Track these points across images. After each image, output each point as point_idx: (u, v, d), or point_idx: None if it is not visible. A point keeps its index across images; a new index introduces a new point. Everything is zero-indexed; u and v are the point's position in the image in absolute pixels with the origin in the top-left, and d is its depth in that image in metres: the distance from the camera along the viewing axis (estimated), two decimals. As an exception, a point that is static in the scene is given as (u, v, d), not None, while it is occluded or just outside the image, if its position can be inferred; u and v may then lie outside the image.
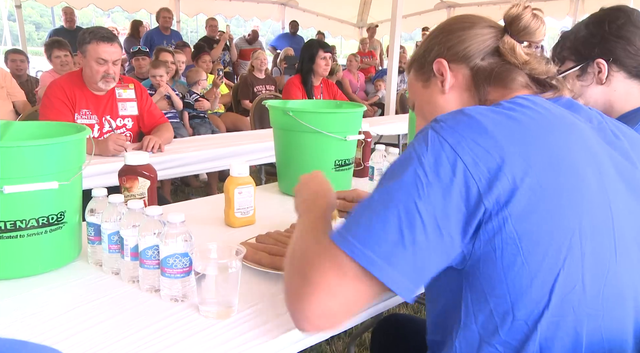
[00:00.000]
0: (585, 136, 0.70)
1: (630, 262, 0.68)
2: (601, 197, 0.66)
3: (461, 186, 0.62)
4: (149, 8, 7.64)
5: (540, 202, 0.62)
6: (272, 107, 1.58)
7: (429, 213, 0.62)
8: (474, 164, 0.62)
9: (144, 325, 0.82)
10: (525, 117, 0.68)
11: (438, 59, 0.82)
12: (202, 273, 0.83)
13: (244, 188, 1.27)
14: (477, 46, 0.80)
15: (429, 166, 0.64)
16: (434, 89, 0.85)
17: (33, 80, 4.61)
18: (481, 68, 0.80)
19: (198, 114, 3.92)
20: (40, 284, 0.96)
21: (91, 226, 1.03)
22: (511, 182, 0.62)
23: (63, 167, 0.98)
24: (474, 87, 0.80)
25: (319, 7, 9.45)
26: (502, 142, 0.64)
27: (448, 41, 0.82)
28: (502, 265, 0.63)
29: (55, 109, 2.21)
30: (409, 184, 0.64)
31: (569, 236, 0.63)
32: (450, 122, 0.67)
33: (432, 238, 0.62)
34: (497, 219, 0.62)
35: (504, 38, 0.79)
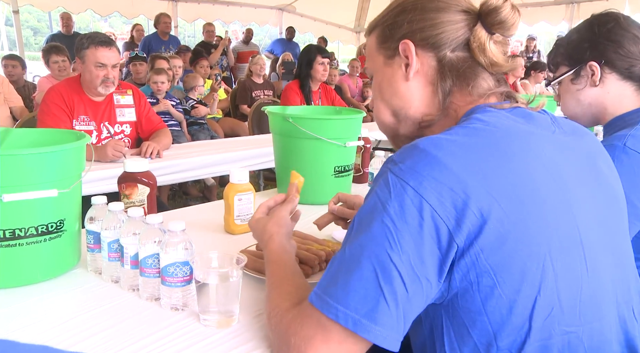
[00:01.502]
0: (544, 151, 0.68)
1: (603, 270, 0.69)
2: (566, 214, 0.66)
3: (430, 228, 0.61)
4: (147, 13, 7.65)
5: (508, 233, 0.61)
6: (272, 114, 1.58)
7: (403, 262, 0.61)
8: (439, 204, 0.61)
9: (144, 334, 0.82)
10: (481, 144, 0.65)
11: (406, 40, 0.76)
12: (202, 282, 0.83)
13: (244, 194, 1.27)
14: (448, 35, 0.74)
15: (395, 213, 0.62)
16: (396, 71, 0.79)
17: (30, 85, 4.60)
18: (449, 61, 0.75)
19: (196, 121, 3.92)
20: (39, 293, 0.95)
21: (91, 234, 1.02)
22: (479, 217, 0.61)
23: (63, 175, 0.97)
24: (439, 82, 0.76)
25: (317, 12, 9.48)
26: (463, 176, 0.62)
27: (419, 22, 0.76)
28: (479, 298, 0.63)
29: (53, 115, 2.20)
30: (378, 236, 0.62)
31: (542, 261, 0.63)
32: (407, 162, 0.64)
33: (411, 286, 0.61)
34: (469, 255, 0.61)
35: (476, 29, 0.74)
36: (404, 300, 0.61)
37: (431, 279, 0.62)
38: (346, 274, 0.63)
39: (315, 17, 9.61)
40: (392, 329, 0.62)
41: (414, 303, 0.62)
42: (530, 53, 7.81)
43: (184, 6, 8.07)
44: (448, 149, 0.64)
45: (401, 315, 0.62)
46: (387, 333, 0.61)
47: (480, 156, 0.64)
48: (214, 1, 8.32)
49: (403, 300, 0.61)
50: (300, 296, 0.74)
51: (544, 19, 8.16)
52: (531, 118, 0.73)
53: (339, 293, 0.63)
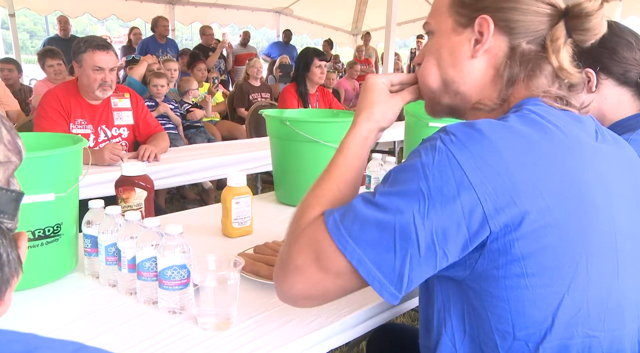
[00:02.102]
0: (593, 155, 0.68)
1: (630, 280, 0.68)
2: (608, 220, 0.65)
3: (465, 205, 0.60)
4: (144, 17, 7.65)
5: (548, 227, 0.60)
6: (269, 117, 1.58)
7: (425, 228, 0.60)
8: (481, 184, 0.59)
9: (141, 338, 0.82)
10: (536, 136, 0.64)
11: (485, 15, 0.71)
12: (200, 285, 0.83)
13: (242, 198, 1.27)
14: (530, 25, 0.71)
15: (433, 180, 0.61)
16: (464, 42, 0.74)
17: (26, 89, 4.59)
18: (522, 52, 0.71)
19: (192, 124, 3.91)
20: (36, 297, 0.95)
21: (88, 238, 1.02)
22: (520, 208, 0.59)
23: (60, 179, 0.97)
24: (505, 69, 0.72)
25: (314, 15, 9.50)
26: (512, 164, 0.61)
27: (505, 2, 0.71)
28: (504, 285, 0.62)
29: (50, 118, 2.20)
30: (410, 196, 0.61)
31: (576, 261, 0.62)
32: (460, 136, 0.62)
33: (425, 252, 0.61)
34: (503, 241, 0.60)
35: (557, 27, 0.71)
36: (413, 261, 0.61)
37: (449, 253, 0.61)
38: (367, 215, 0.63)
39: (312, 19, 9.63)
40: (392, 282, 0.62)
41: (423, 267, 0.62)
42: None
43: (180, 9, 8.08)
44: (502, 134, 0.63)
45: (405, 273, 0.62)
46: (387, 282, 0.62)
47: (533, 147, 0.63)
48: (211, 4, 8.33)
49: (412, 260, 0.61)
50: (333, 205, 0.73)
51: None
52: (580, 121, 0.72)
53: (354, 229, 0.63)
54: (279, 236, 1.22)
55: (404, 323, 2.20)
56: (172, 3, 7.88)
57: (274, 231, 1.31)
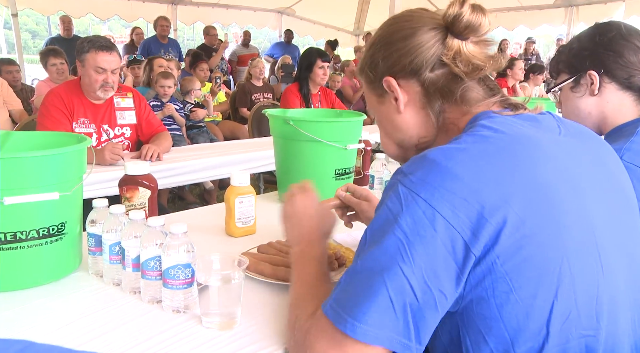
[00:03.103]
0: (555, 154, 0.68)
1: (617, 272, 0.68)
2: (582, 216, 0.65)
3: (445, 240, 0.60)
4: (146, 17, 7.66)
5: (524, 238, 0.61)
6: (272, 117, 1.58)
7: (415, 274, 0.60)
8: (453, 216, 0.60)
9: (145, 337, 0.81)
10: (491, 150, 0.65)
11: (386, 77, 0.78)
12: (204, 284, 0.83)
13: (245, 197, 1.27)
14: (422, 57, 0.75)
15: (407, 226, 0.61)
16: (389, 107, 0.81)
17: (28, 89, 4.60)
18: (432, 82, 0.76)
19: (195, 124, 3.91)
20: (40, 296, 0.95)
21: (92, 237, 1.02)
22: (494, 225, 0.60)
23: (64, 177, 0.97)
24: (428, 105, 0.77)
25: (316, 15, 9.50)
26: (475, 185, 0.61)
27: (391, 56, 0.77)
28: (495, 304, 0.62)
29: (53, 118, 2.20)
30: (391, 249, 0.62)
31: (558, 265, 0.62)
32: (418, 173, 0.64)
33: (422, 297, 0.61)
34: (485, 262, 0.61)
35: (447, 41, 0.74)
36: (415, 311, 0.61)
37: (446, 291, 0.62)
38: (358, 287, 0.63)
39: (314, 20, 9.63)
40: (404, 337, 0.61)
41: (427, 314, 0.62)
42: (529, 56, 7.82)
43: (183, 9, 8.08)
44: (458, 159, 0.63)
45: (411, 325, 0.61)
46: (400, 341, 0.61)
47: (490, 162, 0.63)
48: (213, 4, 8.34)
49: (414, 311, 0.61)
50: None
51: (544, 22, 8.19)
52: (536, 121, 0.73)
53: (351, 305, 0.63)
54: (282, 235, 1.22)
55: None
56: (175, 3, 7.89)
57: (278, 231, 1.31)
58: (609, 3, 7.19)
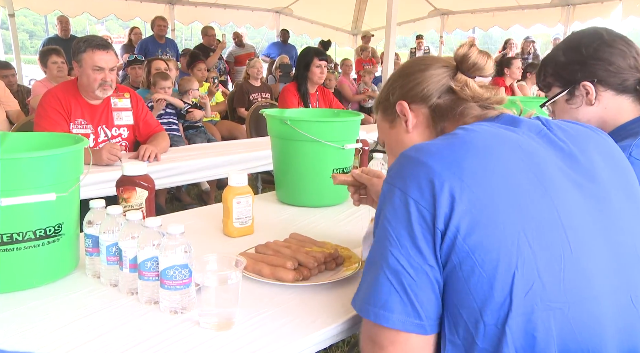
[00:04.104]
0: (520, 145, 0.75)
1: (593, 253, 0.71)
2: (543, 198, 0.71)
3: (418, 218, 0.69)
4: (143, 16, 7.64)
5: (480, 214, 0.68)
6: (270, 117, 1.58)
7: (403, 255, 0.69)
8: (420, 195, 0.69)
9: (143, 338, 0.81)
10: (458, 142, 0.74)
11: (400, 101, 0.90)
12: (202, 285, 0.83)
13: (243, 197, 1.27)
14: (433, 86, 0.88)
15: (390, 214, 0.72)
16: (399, 129, 0.93)
17: (24, 90, 4.58)
18: (438, 106, 0.88)
19: (192, 124, 3.90)
20: (37, 297, 0.95)
21: (89, 238, 1.02)
22: (448, 197, 0.68)
23: (61, 178, 0.97)
24: (433, 124, 0.89)
25: (314, 15, 9.49)
26: (437, 167, 0.70)
27: (407, 84, 0.91)
28: (463, 278, 0.68)
29: (50, 118, 2.19)
30: (382, 238, 0.72)
31: (516, 239, 0.67)
32: (394, 168, 0.74)
33: (416, 275, 0.69)
34: (448, 237, 0.68)
35: (457, 76, 0.87)
36: (414, 288, 0.69)
37: (432, 263, 0.69)
38: (367, 276, 0.74)
39: (312, 19, 9.62)
40: (408, 315, 0.69)
41: (426, 289, 0.69)
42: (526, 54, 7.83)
43: (180, 9, 8.06)
44: (425, 149, 0.73)
45: (414, 301, 0.69)
46: (405, 318, 0.69)
47: (454, 150, 0.72)
48: (211, 4, 8.33)
49: (414, 289, 0.69)
50: None
51: (540, 22, 8.18)
52: (518, 122, 0.81)
53: (369, 297, 0.72)
54: (280, 235, 1.22)
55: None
56: (172, 3, 7.87)
57: (275, 231, 1.31)
58: (605, 2, 7.18)
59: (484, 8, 8.16)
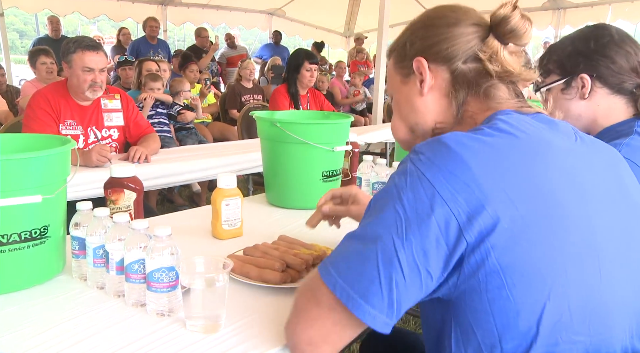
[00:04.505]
0: (565, 158, 0.69)
1: (617, 282, 0.67)
2: (584, 222, 0.66)
3: (440, 221, 0.61)
4: (135, 17, 7.61)
5: (522, 234, 0.61)
6: (260, 119, 1.58)
7: (405, 250, 0.62)
8: (452, 198, 0.61)
9: (130, 341, 0.81)
10: (503, 144, 0.67)
11: (418, 57, 0.79)
12: (188, 287, 0.82)
13: (232, 199, 1.27)
14: (460, 47, 0.76)
15: (408, 202, 0.63)
16: (412, 88, 0.81)
17: (13, 90, 4.54)
18: (462, 73, 0.77)
19: (184, 126, 3.89)
20: (23, 300, 0.94)
21: (75, 240, 1.01)
22: (492, 215, 0.61)
23: (47, 180, 0.96)
24: (453, 94, 0.78)
25: (306, 17, 9.51)
26: (480, 174, 0.62)
27: (430, 38, 0.78)
28: (487, 298, 0.62)
29: (40, 120, 2.18)
30: (388, 221, 0.64)
31: (554, 267, 0.62)
32: (428, 154, 0.65)
33: (409, 274, 0.63)
34: (479, 252, 0.61)
35: (488, 40, 0.76)
36: (399, 286, 0.63)
37: (433, 271, 0.63)
38: (351, 250, 0.67)
39: (304, 21, 9.63)
40: (382, 311, 0.64)
41: (410, 290, 0.63)
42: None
43: (172, 10, 8.05)
44: (469, 146, 0.65)
45: (394, 299, 0.63)
46: (376, 313, 0.64)
47: (500, 155, 0.65)
48: (204, 5, 8.31)
49: (399, 285, 0.63)
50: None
51: (531, 25, 8.26)
52: (554, 125, 0.74)
53: (341, 266, 0.67)
54: (269, 238, 1.22)
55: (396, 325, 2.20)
56: (164, 4, 7.85)
57: (265, 233, 1.31)
58: (595, 7, 7.27)
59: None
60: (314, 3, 8.83)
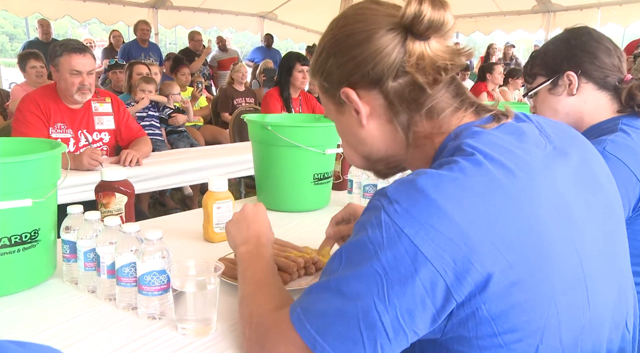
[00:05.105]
0: (544, 179, 0.64)
1: (603, 300, 0.66)
2: (571, 252, 0.63)
3: (425, 281, 0.56)
4: (126, 20, 7.59)
5: (512, 285, 0.58)
6: (251, 122, 1.58)
7: (389, 313, 0.58)
8: (437, 257, 0.56)
9: (121, 344, 0.81)
10: (485, 185, 0.60)
11: (343, 88, 0.70)
12: (180, 290, 0.83)
13: (223, 203, 1.27)
14: (382, 65, 0.67)
15: (387, 262, 0.57)
16: (349, 118, 0.73)
17: (3, 93, 4.51)
18: (396, 92, 0.68)
19: (175, 129, 3.89)
20: (13, 304, 0.94)
21: (66, 244, 1.01)
22: (482, 272, 0.57)
23: (37, 184, 0.96)
24: (394, 118, 0.70)
25: (298, 20, 9.52)
26: (464, 226, 0.57)
27: (347, 64, 0.69)
28: (477, 345, 0.60)
29: (29, 123, 2.17)
30: (367, 280, 0.59)
31: (546, 309, 0.60)
32: (404, 204, 0.58)
33: (394, 337, 0.59)
34: (469, 306, 0.58)
35: (407, 44, 0.66)
36: (385, 349, 0.59)
37: (419, 330, 0.60)
38: (330, 306, 0.61)
39: (296, 24, 9.64)
40: None
41: (395, 348, 0.60)
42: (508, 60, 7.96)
43: (164, 13, 8.02)
44: (448, 191, 0.58)
45: None
46: None
47: (483, 200, 0.59)
48: (195, 8, 8.30)
49: (384, 348, 0.59)
50: (282, 301, 0.76)
51: (522, 27, 8.33)
52: (522, 134, 0.68)
53: (319, 323, 0.62)
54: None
55: None
56: (156, 7, 7.83)
57: (256, 236, 1.31)
58: (584, 10, 7.36)
59: (466, 13, 8.26)
60: (305, 6, 8.84)
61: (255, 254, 0.92)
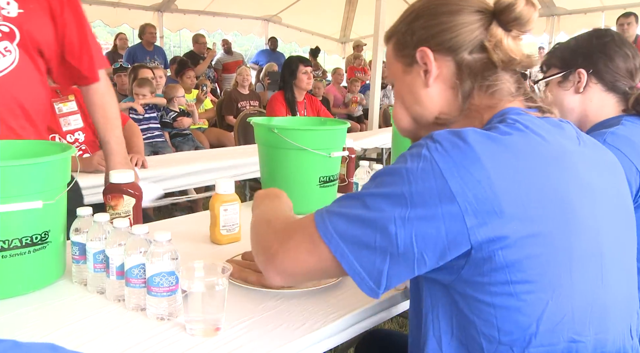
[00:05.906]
0: (577, 161, 0.70)
1: (615, 284, 0.69)
2: (592, 226, 0.67)
3: (445, 213, 0.61)
4: (131, 23, 7.63)
5: (532, 237, 0.62)
6: (257, 125, 1.60)
7: (406, 232, 0.63)
8: (462, 193, 0.61)
9: (130, 345, 0.82)
10: (521, 145, 0.66)
11: (422, 47, 0.77)
12: (188, 291, 0.83)
13: (230, 205, 1.28)
14: (464, 37, 0.74)
15: (416, 187, 0.63)
16: (415, 78, 0.79)
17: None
18: (467, 64, 0.75)
19: (180, 132, 3.90)
20: (23, 305, 0.95)
21: (76, 245, 1.02)
22: (502, 218, 0.61)
23: (48, 186, 0.97)
24: (459, 86, 0.76)
25: (302, 23, 9.55)
26: (493, 173, 0.62)
27: (433, 27, 0.76)
28: (489, 291, 0.63)
29: None
30: (393, 200, 0.64)
31: (560, 269, 0.63)
32: (446, 144, 0.64)
33: (402, 254, 0.64)
34: (486, 250, 0.62)
35: (491, 28, 0.74)
36: (392, 261, 0.65)
37: (427, 258, 0.64)
38: (353, 212, 0.67)
39: (301, 27, 9.68)
40: (371, 277, 0.66)
41: (401, 268, 0.65)
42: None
43: (169, 16, 8.07)
44: (488, 146, 0.64)
45: (384, 270, 0.65)
46: (366, 277, 0.66)
47: (516, 157, 0.65)
48: (200, 12, 8.34)
49: (392, 260, 0.65)
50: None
51: (525, 31, 8.33)
52: (560, 128, 0.74)
53: (340, 224, 0.68)
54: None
55: (391, 329, 2.22)
56: (161, 10, 7.87)
57: (262, 238, 1.32)
58: (589, 13, 7.36)
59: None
60: (309, 9, 8.88)
61: (274, 196, 1.01)
